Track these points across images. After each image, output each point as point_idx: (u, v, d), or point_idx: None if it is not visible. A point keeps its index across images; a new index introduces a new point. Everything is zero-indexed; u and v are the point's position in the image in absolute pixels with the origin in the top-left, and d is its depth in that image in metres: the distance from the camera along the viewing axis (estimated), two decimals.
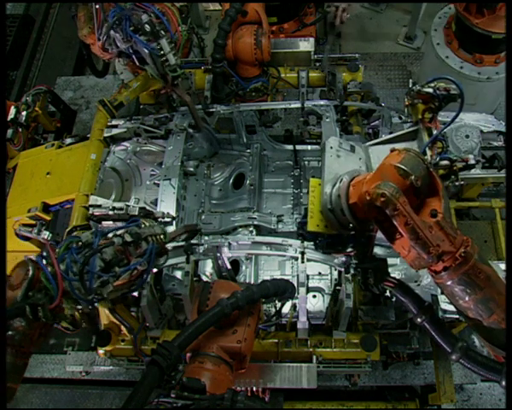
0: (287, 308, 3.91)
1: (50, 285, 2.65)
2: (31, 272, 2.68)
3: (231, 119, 4.78)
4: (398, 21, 7.46)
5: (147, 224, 3.04)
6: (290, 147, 4.88)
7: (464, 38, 5.59)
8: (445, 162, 3.48)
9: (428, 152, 3.43)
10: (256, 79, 4.99)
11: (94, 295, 2.73)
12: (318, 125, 4.60)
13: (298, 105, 4.65)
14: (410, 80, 3.56)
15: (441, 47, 5.77)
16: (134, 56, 4.17)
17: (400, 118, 4.52)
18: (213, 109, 4.69)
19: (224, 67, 4.76)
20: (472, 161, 3.65)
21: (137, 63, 4.23)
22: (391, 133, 4.65)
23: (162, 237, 3.07)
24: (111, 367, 4.24)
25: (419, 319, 2.89)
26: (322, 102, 4.63)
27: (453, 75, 5.55)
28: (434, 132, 3.47)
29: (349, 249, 3.67)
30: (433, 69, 6.05)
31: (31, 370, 5.15)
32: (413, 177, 2.43)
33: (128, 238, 2.80)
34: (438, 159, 3.44)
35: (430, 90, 3.34)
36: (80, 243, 2.77)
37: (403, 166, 2.47)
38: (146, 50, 3.91)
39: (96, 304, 3.04)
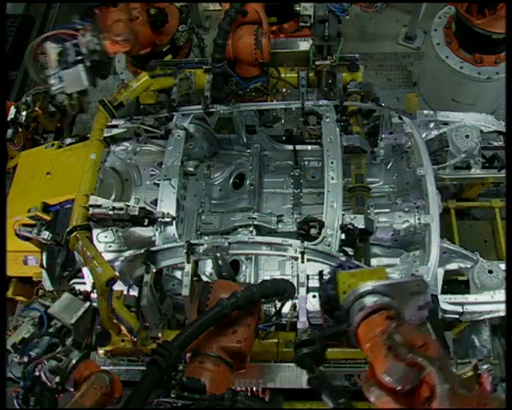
0: (287, 308, 3.90)
1: None
2: None
3: (231, 119, 4.77)
4: (398, 21, 7.44)
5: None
6: (290, 147, 4.88)
7: (464, 38, 5.58)
8: None
9: None
10: (256, 79, 4.99)
11: None
12: (318, 125, 4.61)
13: (298, 105, 4.65)
14: None
15: (441, 47, 5.77)
16: None
17: (400, 118, 4.51)
18: (213, 109, 4.68)
19: (224, 67, 4.75)
20: None
21: None
22: (391, 134, 4.65)
23: None
24: (111, 367, 4.23)
25: None
26: (322, 102, 4.63)
27: (453, 75, 5.63)
28: None
29: None
30: (433, 69, 6.06)
31: None
32: None
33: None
34: None
35: None
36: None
37: None
38: None
39: None
